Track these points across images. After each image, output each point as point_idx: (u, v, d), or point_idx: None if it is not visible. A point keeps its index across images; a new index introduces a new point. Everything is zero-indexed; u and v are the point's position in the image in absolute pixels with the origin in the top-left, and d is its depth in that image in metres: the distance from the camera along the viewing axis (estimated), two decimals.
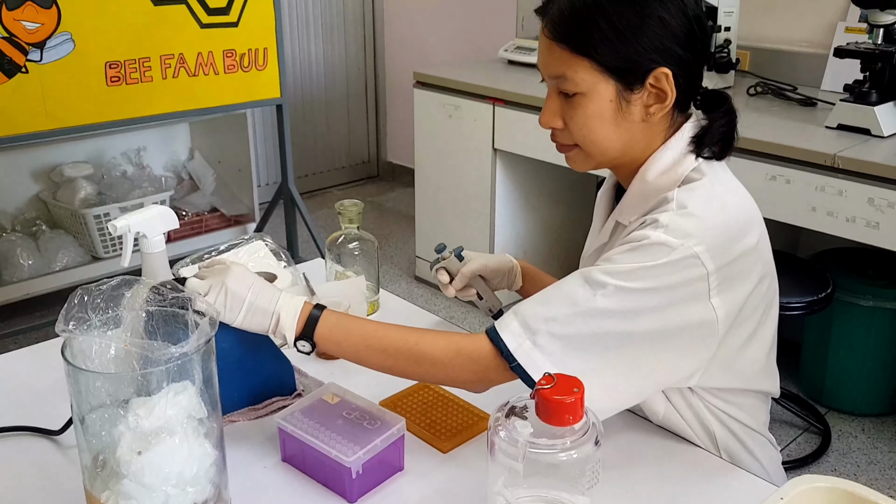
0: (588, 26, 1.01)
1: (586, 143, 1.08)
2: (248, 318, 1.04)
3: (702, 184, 1.05)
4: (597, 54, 1.02)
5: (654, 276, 0.98)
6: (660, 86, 1.03)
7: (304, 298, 1.08)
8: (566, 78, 1.04)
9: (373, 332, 1.07)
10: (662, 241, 0.98)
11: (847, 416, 2.56)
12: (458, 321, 3.17)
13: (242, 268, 1.07)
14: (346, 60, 4.58)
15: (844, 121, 2.27)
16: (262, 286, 1.06)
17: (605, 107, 1.05)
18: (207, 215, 3.55)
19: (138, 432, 0.85)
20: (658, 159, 1.07)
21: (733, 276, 1.02)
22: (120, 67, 2.67)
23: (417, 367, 1.06)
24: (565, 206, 3.38)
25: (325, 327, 1.06)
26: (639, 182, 1.09)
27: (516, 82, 3.00)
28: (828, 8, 2.77)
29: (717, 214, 1.02)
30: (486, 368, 1.03)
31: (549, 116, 1.09)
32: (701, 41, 1.05)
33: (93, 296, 0.89)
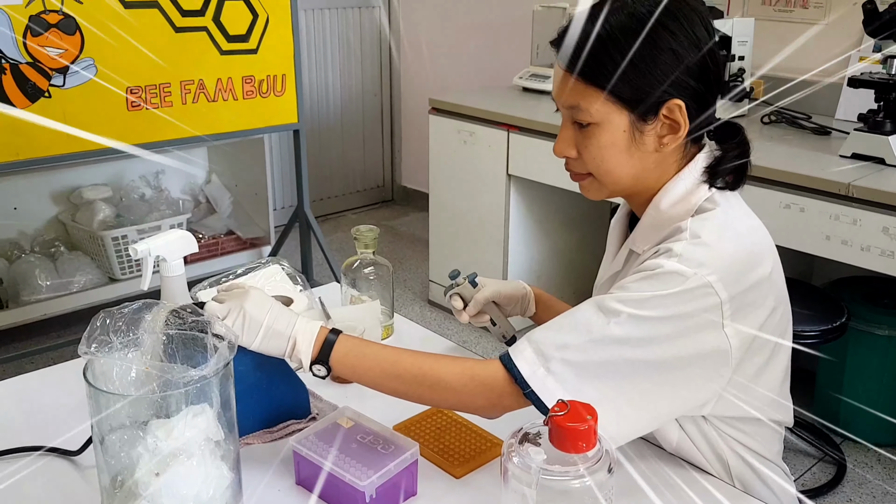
0: (602, 58, 1.03)
1: (600, 172, 1.09)
2: (266, 341, 1.05)
3: (715, 213, 1.06)
4: (610, 86, 1.03)
5: (668, 304, 0.99)
6: (673, 117, 1.05)
7: (320, 323, 1.09)
8: (580, 108, 1.06)
9: (387, 357, 1.08)
10: (676, 270, 0.99)
11: (863, 445, 2.54)
12: (471, 346, 3.17)
13: (260, 292, 1.08)
14: (362, 86, 4.64)
15: (859, 150, 2.27)
16: (280, 311, 1.07)
17: (619, 137, 1.06)
18: (224, 238, 3.58)
19: (157, 454, 0.86)
20: (671, 189, 1.08)
21: (747, 306, 1.02)
22: (141, 93, 2.72)
23: (431, 392, 1.07)
24: (579, 233, 3.39)
25: (340, 352, 1.07)
26: (652, 211, 1.10)
27: (531, 109, 3.03)
28: (842, 38, 2.78)
29: (730, 244, 1.03)
30: (500, 395, 1.04)
31: (563, 146, 1.11)
32: (714, 73, 1.06)
33: (114, 319, 0.90)
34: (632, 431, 1.04)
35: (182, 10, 2.76)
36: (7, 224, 3.21)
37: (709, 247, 1.01)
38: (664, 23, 1.02)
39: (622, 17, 1.03)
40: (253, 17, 2.93)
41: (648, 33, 1.02)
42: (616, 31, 1.02)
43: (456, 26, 4.26)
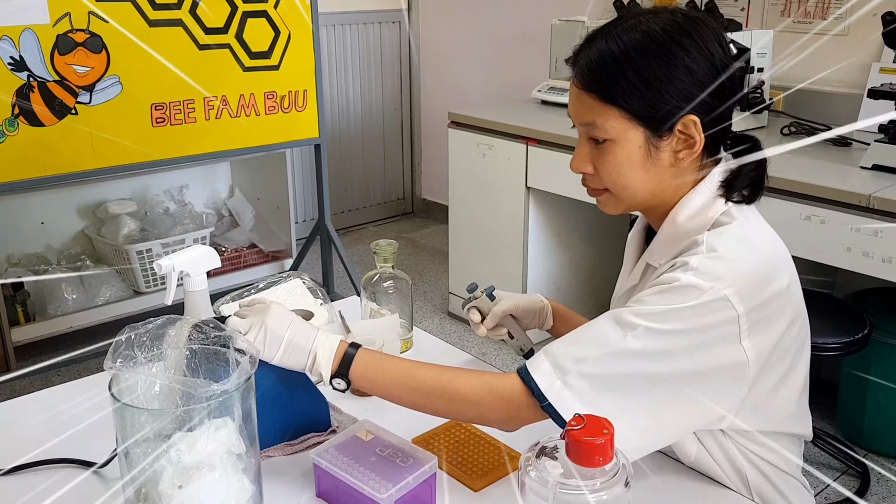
0: (616, 76, 1.04)
1: (616, 187, 1.10)
2: (287, 356, 1.07)
3: (732, 227, 1.06)
4: (625, 103, 1.04)
5: (684, 318, 0.99)
6: (688, 132, 1.05)
7: (339, 337, 1.11)
8: (596, 125, 1.07)
9: (406, 370, 1.10)
10: (692, 284, 1.00)
11: (886, 458, 2.51)
12: (490, 359, 3.18)
13: (281, 307, 1.10)
14: (382, 100, 4.67)
15: (880, 161, 2.26)
16: (300, 325, 1.09)
17: (635, 153, 1.07)
18: (246, 251, 3.62)
19: (180, 467, 0.88)
20: (688, 203, 1.09)
21: (764, 319, 1.03)
22: (165, 109, 2.77)
23: (449, 405, 1.08)
24: (597, 245, 3.39)
25: (359, 365, 1.09)
26: (669, 225, 1.10)
27: (549, 122, 3.04)
28: (862, 48, 2.77)
29: (746, 257, 1.04)
30: (518, 408, 1.05)
31: (579, 162, 1.12)
32: (729, 88, 1.07)
33: (139, 334, 0.92)
34: (649, 445, 1.04)
35: (205, 28, 2.81)
36: (34, 238, 3.27)
37: (725, 260, 1.02)
38: (678, 40, 1.03)
39: (636, 34, 1.04)
40: (275, 34, 2.97)
41: (662, 51, 1.03)
42: (630, 49, 1.04)
43: (475, 40, 4.29)
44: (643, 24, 1.05)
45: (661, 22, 1.04)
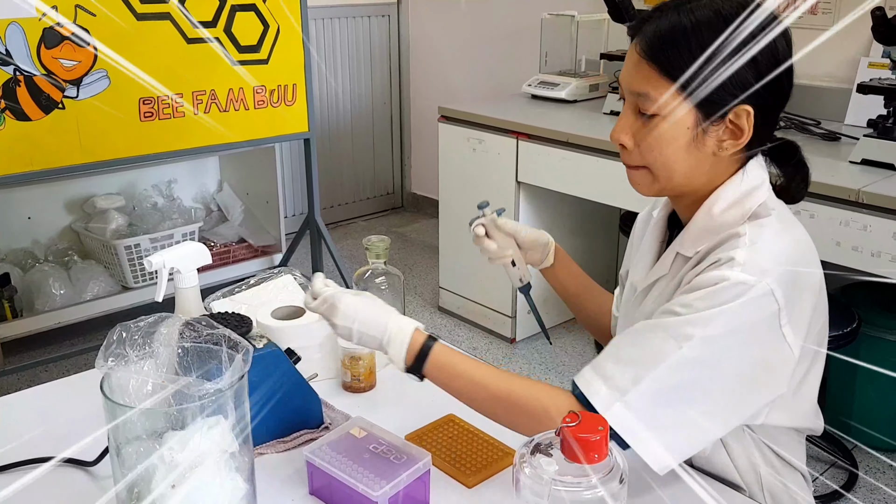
0: (682, 51, 1.01)
1: (656, 165, 1.08)
2: (359, 340, 1.10)
3: (771, 220, 1.06)
4: (683, 80, 1.02)
5: (735, 316, 0.98)
6: (738, 122, 1.04)
7: (413, 325, 1.10)
8: (648, 97, 1.04)
9: (479, 379, 1.09)
10: (741, 280, 0.99)
11: (875, 451, 2.53)
12: (481, 352, 3.18)
13: (348, 296, 1.11)
14: (372, 94, 4.66)
15: (868, 156, 2.27)
16: (367, 316, 1.10)
17: (681, 133, 1.04)
18: (235, 246, 3.61)
19: (172, 465, 0.87)
20: (724, 193, 1.08)
21: (800, 312, 1.03)
22: (153, 103, 2.75)
23: (509, 416, 1.08)
24: (588, 239, 3.40)
25: (434, 366, 1.09)
26: (704, 216, 1.09)
27: (539, 116, 3.04)
28: (851, 43, 2.78)
29: (787, 250, 1.03)
30: None
31: (620, 132, 1.10)
32: (787, 83, 1.06)
33: (130, 332, 0.92)
34: (702, 443, 1.04)
35: (194, 22, 2.78)
36: (21, 233, 3.25)
37: (769, 253, 1.01)
38: (749, 28, 1.00)
39: (709, 12, 1.02)
40: (264, 27, 2.96)
41: (731, 36, 1.00)
42: (701, 26, 1.01)
43: (465, 34, 4.28)
44: (717, 2, 1.02)
45: (735, 4, 1.02)
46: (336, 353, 1.34)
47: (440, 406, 1.29)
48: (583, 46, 3.38)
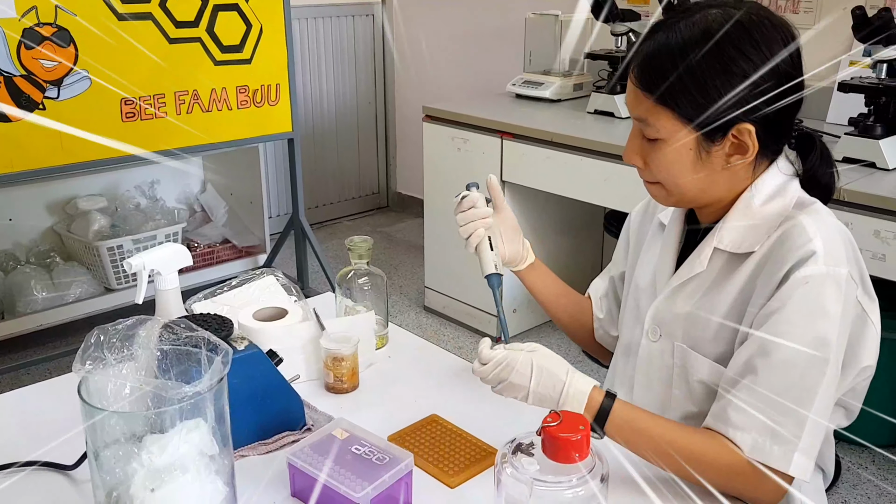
0: (671, 78, 1.02)
1: (668, 183, 1.10)
2: (536, 403, 1.07)
3: (817, 205, 1.08)
4: (677, 106, 1.03)
5: (843, 313, 1.01)
6: (742, 139, 1.04)
7: (592, 384, 1.07)
8: (648, 123, 1.06)
9: (660, 436, 1.05)
10: (825, 274, 1.00)
11: (857, 447, 2.55)
12: (467, 352, 3.18)
13: (522, 358, 1.06)
14: (356, 94, 4.65)
15: (850, 154, 2.29)
16: (545, 376, 1.05)
17: (685, 154, 1.06)
18: (219, 247, 3.59)
19: (151, 469, 0.87)
20: (761, 188, 1.09)
21: (868, 287, 1.07)
22: (135, 104, 2.73)
23: (699, 474, 1.05)
24: (574, 238, 3.40)
25: (614, 425, 1.06)
26: (743, 208, 1.09)
27: (524, 116, 3.04)
28: (832, 42, 2.80)
29: (843, 231, 1.06)
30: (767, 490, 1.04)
31: (630, 154, 1.12)
32: (792, 99, 1.05)
33: (108, 335, 0.91)
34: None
35: (176, 22, 2.77)
36: (2, 235, 3.22)
37: (835, 239, 1.03)
38: (738, 45, 1.00)
39: (696, 32, 1.01)
40: (247, 27, 2.94)
41: (720, 56, 1.00)
42: (688, 49, 1.01)
43: (449, 34, 4.28)
44: (707, 20, 1.02)
45: (727, 20, 1.01)
46: (318, 353, 1.34)
47: (423, 406, 1.29)
48: (567, 46, 3.38)
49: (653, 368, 1.21)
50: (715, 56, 1.00)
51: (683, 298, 1.15)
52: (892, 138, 2.26)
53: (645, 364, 1.22)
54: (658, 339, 1.19)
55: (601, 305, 1.41)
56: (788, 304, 1.01)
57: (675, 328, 1.16)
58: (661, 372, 1.19)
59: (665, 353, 1.18)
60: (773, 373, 1.01)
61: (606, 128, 2.84)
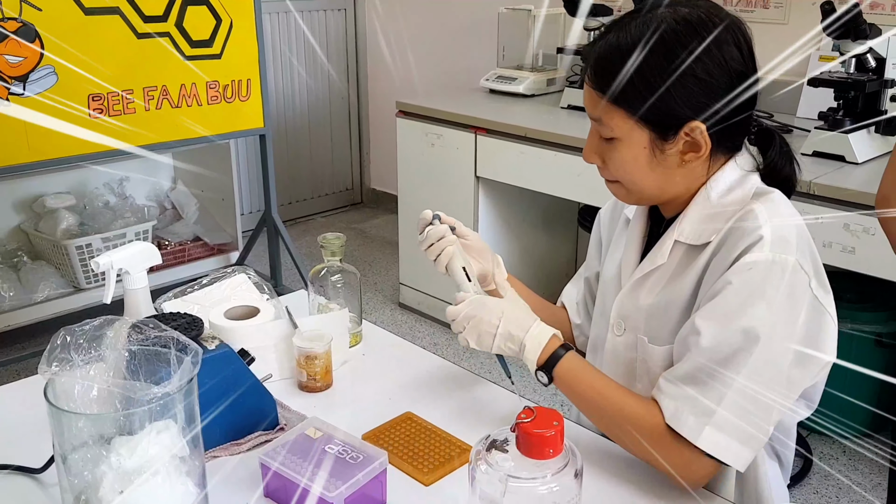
0: (621, 79, 1.03)
1: (626, 181, 1.11)
2: (501, 342, 1.13)
3: (775, 194, 1.08)
4: (629, 107, 1.04)
5: (787, 298, 1.01)
6: (694, 137, 1.05)
7: (553, 331, 1.14)
8: (603, 123, 1.08)
9: (597, 390, 1.11)
10: (773, 261, 1.00)
11: (828, 438, 2.58)
12: (442, 349, 3.18)
13: (494, 300, 1.18)
14: (329, 89, 4.62)
15: (820, 148, 2.31)
16: (513, 315, 1.15)
17: (640, 153, 1.07)
18: (190, 244, 3.55)
19: (120, 472, 0.85)
20: (719, 180, 1.09)
21: (822, 278, 1.07)
22: (103, 100, 2.68)
23: (622, 436, 1.09)
24: (548, 233, 3.41)
25: (563, 368, 1.11)
26: (702, 201, 1.10)
27: (497, 111, 3.04)
28: (802, 37, 2.83)
29: (798, 220, 1.06)
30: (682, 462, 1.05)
31: (589, 153, 1.14)
32: (745, 95, 1.05)
33: (75, 336, 0.89)
34: (771, 428, 1.06)
35: (144, 16, 2.73)
36: None
37: (788, 225, 1.04)
38: (689, 46, 1.01)
39: (647, 31, 1.02)
40: (216, 21, 2.91)
41: (668, 55, 1.01)
42: (638, 50, 1.02)
43: (422, 28, 4.26)
44: (657, 20, 1.03)
45: (677, 20, 1.02)
46: (291, 352, 1.32)
47: (398, 404, 1.28)
48: (540, 41, 3.39)
49: (618, 362, 1.22)
50: (663, 56, 1.02)
51: (646, 291, 1.16)
52: (861, 133, 2.29)
53: (611, 358, 1.23)
54: (622, 332, 1.20)
55: (578, 311, 1.42)
56: (727, 287, 1.02)
57: (639, 321, 1.17)
58: (626, 366, 1.20)
59: (628, 347, 1.19)
60: (702, 351, 1.03)
61: (579, 123, 2.85)
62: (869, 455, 2.50)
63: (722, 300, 1.02)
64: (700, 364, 1.02)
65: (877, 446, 2.54)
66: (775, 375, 1.02)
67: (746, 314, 1.00)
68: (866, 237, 2.05)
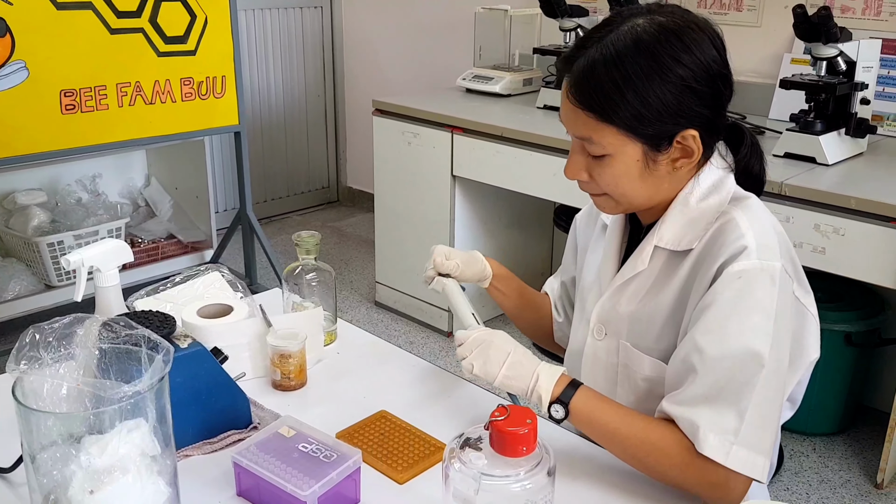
0: (612, 96, 1.02)
1: (615, 195, 1.10)
2: (509, 372, 1.09)
3: (752, 200, 1.09)
4: (621, 121, 1.03)
5: (779, 309, 1.02)
6: (686, 144, 1.05)
7: (563, 369, 1.11)
8: (593, 141, 1.06)
9: (621, 420, 1.07)
10: (759, 268, 1.01)
11: (798, 435, 2.61)
12: (418, 347, 3.18)
13: (506, 334, 1.14)
14: (305, 87, 4.60)
15: (791, 149, 2.34)
16: (524, 349, 1.12)
17: (633, 166, 1.06)
18: (164, 242, 3.52)
19: (90, 471, 0.84)
20: (698, 186, 1.10)
21: (802, 278, 1.10)
22: (75, 95, 2.65)
23: (647, 468, 1.07)
24: (524, 232, 3.42)
25: (580, 399, 1.07)
26: (681, 206, 1.10)
27: (474, 110, 3.04)
28: (775, 40, 2.86)
29: (776, 224, 1.08)
30: (716, 486, 1.04)
31: (575, 170, 1.11)
32: (727, 96, 1.07)
33: (44, 334, 0.88)
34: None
35: (117, 12, 2.70)
36: None
37: (769, 232, 1.05)
38: (674, 54, 1.01)
39: (629, 42, 1.02)
40: (191, 18, 2.88)
41: (656, 65, 1.01)
42: (622, 59, 1.01)
43: (399, 27, 4.26)
44: (636, 30, 1.02)
45: (657, 30, 1.02)
46: (265, 351, 1.32)
47: (372, 402, 1.28)
48: (516, 41, 3.39)
49: (598, 367, 1.22)
50: (651, 66, 1.01)
51: (627, 298, 1.16)
52: (832, 134, 2.32)
53: (590, 362, 1.23)
54: (603, 337, 1.20)
55: (558, 309, 1.43)
56: (721, 298, 1.02)
57: (620, 327, 1.17)
58: (607, 370, 1.20)
59: (610, 352, 1.19)
60: (709, 369, 1.02)
61: (555, 123, 2.83)
62: (839, 451, 2.53)
63: (717, 312, 1.02)
64: (710, 383, 1.01)
65: (847, 443, 2.58)
66: (778, 384, 1.03)
67: (745, 328, 1.01)
68: (836, 237, 2.08)
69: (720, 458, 1.00)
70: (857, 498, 2.32)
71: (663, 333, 1.12)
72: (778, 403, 1.05)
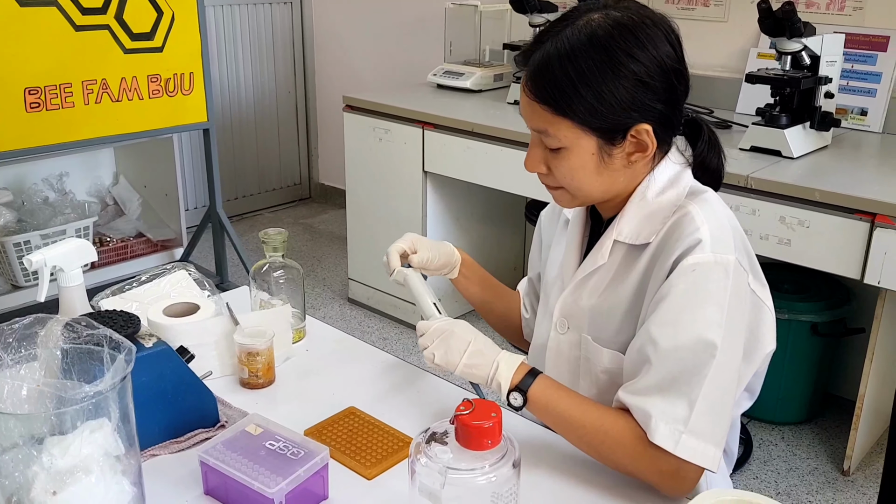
0: (566, 90, 1.03)
1: (572, 188, 1.12)
2: (470, 361, 1.10)
3: (709, 194, 1.11)
4: (576, 115, 1.04)
5: (732, 300, 1.03)
6: (640, 138, 1.06)
7: (523, 357, 1.12)
8: (548, 134, 1.07)
9: (574, 412, 1.09)
10: (713, 261, 1.03)
11: (767, 424, 2.65)
12: (391, 343, 3.18)
13: (467, 323, 1.16)
14: (275, 83, 4.57)
15: (757, 143, 2.37)
16: (485, 339, 1.14)
17: (588, 159, 1.08)
18: (133, 241, 3.48)
19: (53, 472, 0.84)
20: (655, 180, 1.11)
21: (758, 271, 1.11)
22: (40, 93, 2.62)
23: (601, 453, 1.08)
24: (495, 227, 3.43)
25: (538, 388, 1.09)
26: (639, 201, 1.12)
27: (445, 106, 3.04)
28: (741, 35, 2.89)
29: (732, 218, 1.09)
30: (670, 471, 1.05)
31: (533, 163, 1.13)
32: (682, 91, 1.08)
33: (4, 335, 0.87)
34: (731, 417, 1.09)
35: (82, 8, 2.67)
36: None
37: (725, 227, 1.06)
38: (628, 50, 1.03)
39: (583, 37, 1.03)
40: (157, 14, 2.85)
41: (610, 60, 1.02)
42: (576, 54, 1.03)
43: (369, 23, 4.24)
44: (591, 25, 1.04)
45: (612, 25, 1.03)
46: (232, 349, 1.31)
47: (341, 399, 1.28)
48: (486, 36, 3.40)
49: (561, 360, 1.23)
50: (605, 61, 1.03)
51: (588, 292, 1.17)
52: (797, 128, 2.35)
53: (554, 355, 1.24)
54: (566, 331, 1.21)
55: (526, 305, 1.44)
56: (675, 290, 1.03)
57: (582, 321, 1.18)
58: (570, 363, 1.22)
59: (572, 345, 1.21)
60: (662, 360, 1.03)
61: None
62: (807, 440, 2.57)
63: (671, 304, 1.03)
64: (663, 373, 1.03)
65: (814, 431, 2.62)
66: (731, 375, 1.05)
67: (698, 320, 1.02)
68: (801, 229, 2.11)
69: (670, 447, 1.02)
70: (825, 485, 2.36)
71: (623, 326, 1.13)
72: (731, 394, 1.06)
